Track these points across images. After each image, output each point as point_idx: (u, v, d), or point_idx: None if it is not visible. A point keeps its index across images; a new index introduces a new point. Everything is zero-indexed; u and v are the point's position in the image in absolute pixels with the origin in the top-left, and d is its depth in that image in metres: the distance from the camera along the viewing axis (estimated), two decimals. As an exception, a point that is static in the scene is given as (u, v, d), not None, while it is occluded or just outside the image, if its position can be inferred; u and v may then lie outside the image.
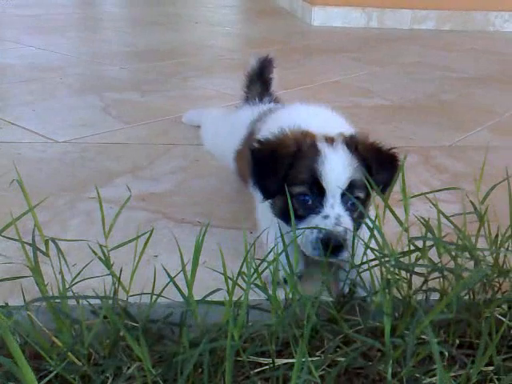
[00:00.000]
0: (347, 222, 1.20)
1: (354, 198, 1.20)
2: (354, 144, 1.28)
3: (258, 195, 1.36)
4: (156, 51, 4.06)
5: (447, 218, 1.09)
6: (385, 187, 1.23)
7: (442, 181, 1.73)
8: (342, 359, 0.99)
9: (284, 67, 2.26)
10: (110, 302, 1.07)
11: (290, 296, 1.03)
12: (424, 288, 1.05)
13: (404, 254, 1.04)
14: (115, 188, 1.74)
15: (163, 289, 1.08)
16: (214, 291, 1.05)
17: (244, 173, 1.52)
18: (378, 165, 1.27)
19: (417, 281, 1.08)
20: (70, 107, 2.59)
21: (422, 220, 1.10)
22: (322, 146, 1.26)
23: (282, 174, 1.25)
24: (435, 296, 1.13)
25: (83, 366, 0.96)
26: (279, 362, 1.00)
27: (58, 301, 1.04)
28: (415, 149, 2.10)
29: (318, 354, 1.02)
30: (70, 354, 0.96)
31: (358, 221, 1.22)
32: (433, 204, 1.09)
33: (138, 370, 1.01)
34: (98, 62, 3.60)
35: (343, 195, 1.21)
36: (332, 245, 1.14)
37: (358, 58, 4.11)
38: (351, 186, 1.22)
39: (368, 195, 1.26)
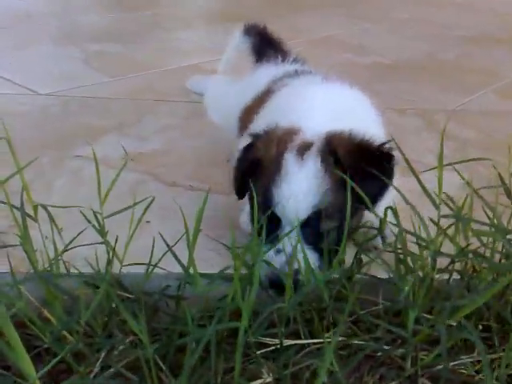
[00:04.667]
0: (306, 258, 0.97)
1: (321, 230, 1.01)
2: (332, 151, 1.04)
3: None
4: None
5: (479, 195, 1.00)
6: (376, 197, 1.04)
7: (449, 148, 1.62)
8: (356, 342, 0.94)
9: (269, 22, 2.15)
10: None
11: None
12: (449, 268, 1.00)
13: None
14: (101, 146, 1.64)
15: (160, 258, 1.01)
16: (225, 268, 0.98)
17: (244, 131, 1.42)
18: (364, 174, 1.00)
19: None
20: (49, 57, 2.46)
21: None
22: (289, 160, 1.04)
23: (242, 180, 1.10)
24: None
25: (77, 343, 0.89)
26: (287, 342, 0.94)
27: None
28: (417, 111, 2.00)
29: (327, 335, 0.97)
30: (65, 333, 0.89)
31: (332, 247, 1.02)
32: (462, 178, 1.01)
33: (132, 344, 0.95)
34: (77, 9, 3.43)
35: (305, 224, 1.01)
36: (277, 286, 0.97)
37: (348, 12, 3.97)
38: (317, 216, 1.01)
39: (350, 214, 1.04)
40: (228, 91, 1.80)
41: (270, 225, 1.00)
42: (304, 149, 1.05)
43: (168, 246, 1.00)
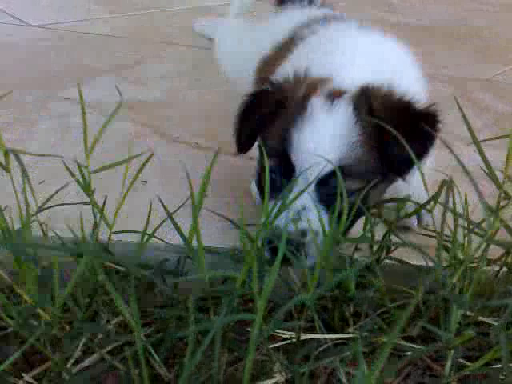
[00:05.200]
0: (315, 218, 0.82)
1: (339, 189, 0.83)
2: (367, 102, 0.87)
3: None
4: None
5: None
6: (411, 162, 0.83)
7: (485, 121, 1.48)
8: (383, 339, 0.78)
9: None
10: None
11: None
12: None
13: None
14: (95, 89, 1.45)
15: (158, 227, 0.84)
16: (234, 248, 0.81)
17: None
18: (403, 132, 0.81)
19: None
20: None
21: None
22: (317, 103, 0.88)
23: (253, 129, 0.93)
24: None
25: (52, 327, 0.72)
26: (304, 336, 0.78)
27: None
28: (449, 79, 1.82)
29: (351, 330, 0.80)
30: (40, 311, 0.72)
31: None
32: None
33: (120, 326, 0.80)
34: None
35: (323, 180, 0.85)
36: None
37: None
38: (339, 172, 0.82)
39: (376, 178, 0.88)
40: (243, 38, 1.59)
41: (280, 178, 0.86)
42: (335, 94, 0.89)
43: (167, 212, 0.83)
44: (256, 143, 0.97)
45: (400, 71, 1.01)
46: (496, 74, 1.92)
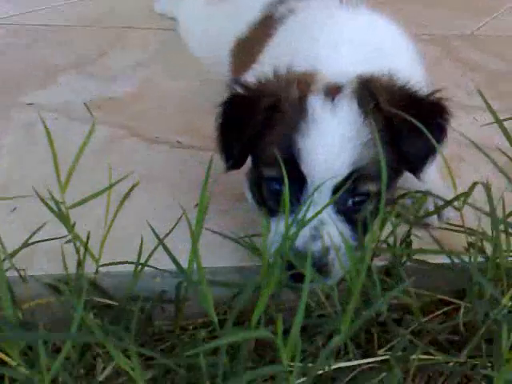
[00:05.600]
0: (335, 232, 0.75)
1: (361, 194, 0.78)
2: (371, 96, 0.79)
3: None
4: None
5: None
6: (426, 158, 0.80)
7: (476, 81, 1.40)
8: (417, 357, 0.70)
9: None
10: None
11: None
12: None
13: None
14: (59, 89, 1.35)
15: (150, 255, 0.75)
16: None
17: (241, 69, 1.10)
18: (411, 129, 0.76)
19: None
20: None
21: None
22: (316, 103, 0.79)
23: (246, 140, 0.82)
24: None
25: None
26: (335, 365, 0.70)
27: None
28: (433, 38, 1.72)
29: (381, 352, 0.73)
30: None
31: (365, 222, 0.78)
32: None
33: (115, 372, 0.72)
34: None
35: (338, 187, 0.77)
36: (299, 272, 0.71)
37: None
38: (354, 177, 0.76)
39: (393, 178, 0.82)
40: (212, 12, 1.46)
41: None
42: (334, 91, 0.80)
43: (158, 238, 0.74)
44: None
45: (395, 56, 0.93)
46: (479, 27, 1.81)
